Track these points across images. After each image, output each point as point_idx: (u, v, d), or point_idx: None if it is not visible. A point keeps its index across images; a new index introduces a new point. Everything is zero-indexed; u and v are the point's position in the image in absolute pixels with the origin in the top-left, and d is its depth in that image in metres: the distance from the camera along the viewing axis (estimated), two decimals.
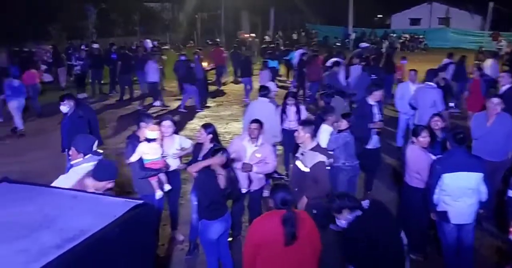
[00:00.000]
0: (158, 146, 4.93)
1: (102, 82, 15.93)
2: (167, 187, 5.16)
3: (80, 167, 3.97)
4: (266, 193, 6.45)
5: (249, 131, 5.47)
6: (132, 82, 15.13)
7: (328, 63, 12.30)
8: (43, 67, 17.30)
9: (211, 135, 5.16)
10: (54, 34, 27.62)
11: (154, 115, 12.54)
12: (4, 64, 16.08)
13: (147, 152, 4.86)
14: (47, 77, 17.13)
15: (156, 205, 4.97)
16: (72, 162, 4.15)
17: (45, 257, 2.02)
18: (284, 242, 3.40)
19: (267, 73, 13.12)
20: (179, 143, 5.55)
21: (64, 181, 3.80)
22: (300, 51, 16.36)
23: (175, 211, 5.86)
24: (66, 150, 6.54)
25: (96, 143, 4.25)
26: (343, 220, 3.60)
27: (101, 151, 4.33)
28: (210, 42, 26.42)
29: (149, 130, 4.87)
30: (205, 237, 4.51)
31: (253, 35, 29.64)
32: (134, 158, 4.90)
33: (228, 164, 4.46)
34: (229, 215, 4.62)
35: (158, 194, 5.02)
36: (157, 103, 13.83)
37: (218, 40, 24.71)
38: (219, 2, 34.06)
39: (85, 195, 2.95)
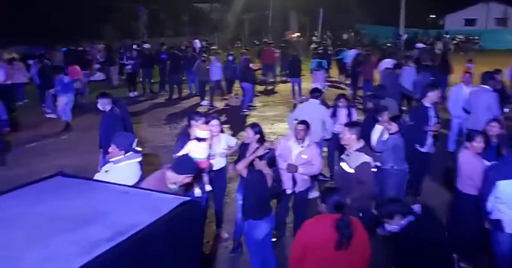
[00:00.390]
0: (206, 146, 4.97)
1: (152, 81, 16.32)
2: (208, 187, 5.22)
3: (121, 165, 4.06)
4: (312, 195, 6.41)
5: (295, 132, 5.44)
6: (181, 81, 15.42)
7: (389, 65, 11.99)
8: (96, 65, 17.96)
9: (258, 135, 5.18)
10: (107, 34, 28.61)
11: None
12: (60, 62, 16.85)
13: (194, 150, 4.92)
14: (100, 76, 17.76)
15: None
16: (112, 160, 4.23)
17: (97, 250, 2.07)
18: (336, 246, 3.35)
19: (322, 74, 13.01)
20: (225, 142, 5.61)
21: (110, 176, 3.91)
22: (354, 51, 16.29)
23: (220, 209, 5.92)
24: (103, 148, 6.65)
25: (136, 141, 4.32)
26: (394, 225, 3.52)
27: (140, 149, 4.40)
28: (257, 43, 26.51)
29: (200, 130, 4.92)
30: (251, 237, 4.52)
31: (298, 34, 29.45)
32: (180, 154, 4.98)
33: (273, 164, 4.45)
34: (274, 215, 4.62)
35: (197, 192, 5.09)
36: (204, 102, 14.06)
37: (265, 40, 24.69)
38: (267, 3, 34.13)
39: (135, 190, 3.02)
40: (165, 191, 3.52)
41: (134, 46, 19.45)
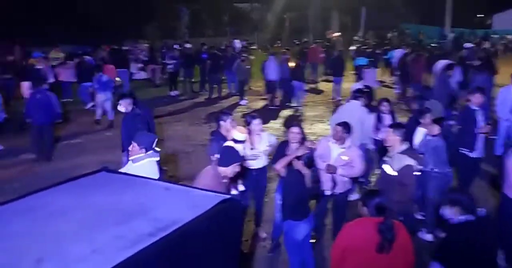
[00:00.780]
0: (242, 148, 4.99)
1: (192, 80, 16.54)
2: (241, 187, 5.25)
3: (142, 163, 4.11)
4: (352, 197, 6.32)
5: (334, 133, 5.38)
6: (220, 81, 15.55)
7: (440, 65, 11.64)
8: (139, 65, 18.37)
9: (300, 135, 5.16)
10: (149, 34, 29.24)
11: (240, 113, 12.82)
12: (104, 61, 17.35)
13: None
14: (142, 75, 18.16)
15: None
16: (132, 158, 4.28)
17: (139, 244, 2.11)
18: (378, 249, 3.29)
19: (374, 72, 12.82)
20: (267, 140, 5.61)
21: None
22: (400, 51, 16.09)
23: (260, 208, 5.93)
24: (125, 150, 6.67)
25: (156, 140, 4.35)
26: (451, 215, 3.44)
27: (158, 149, 4.44)
28: (297, 42, 26.38)
29: (237, 131, 4.94)
30: (290, 237, 4.50)
31: (338, 33, 29.12)
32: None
33: (311, 164, 4.42)
34: (312, 217, 4.58)
35: (233, 193, 5.14)
36: (243, 102, 14.13)
37: (305, 39, 24.56)
38: (308, 2, 33.91)
39: (177, 187, 3.05)
40: (221, 187, 3.58)
41: (176, 46, 19.80)
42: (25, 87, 11.05)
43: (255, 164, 5.43)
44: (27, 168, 8.48)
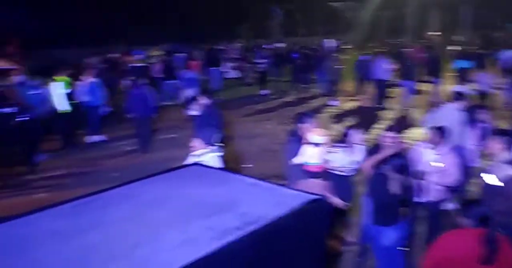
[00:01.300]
0: (321, 151, 4.93)
1: (283, 79, 16.66)
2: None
3: (205, 158, 4.23)
4: (447, 206, 6.01)
5: (429, 137, 5.12)
6: (310, 80, 15.49)
7: None
8: (231, 64, 18.88)
9: (396, 137, 5.00)
10: (243, 34, 29.93)
11: (329, 114, 12.68)
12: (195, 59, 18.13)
13: (310, 155, 4.89)
14: (234, 74, 18.64)
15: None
16: (195, 153, 4.40)
17: (228, 237, 2.17)
18: (482, 261, 3.08)
19: (485, 75, 12.03)
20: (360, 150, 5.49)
21: None
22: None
23: (348, 213, 5.80)
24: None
25: (219, 136, 4.46)
26: None
27: (222, 144, 4.53)
28: (393, 42, 25.49)
29: (315, 134, 4.88)
30: (377, 243, 4.38)
31: (438, 33, 27.63)
32: (297, 160, 4.94)
33: (402, 170, 4.23)
34: (404, 224, 4.38)
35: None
36: (335, 102, 13.96)
37: (401, 39, 23.65)
38: (405, 0, 32.61)
39: (264, 184, 3.09)
40: None
41: (267, 46, 20.07)
42: (125, 83, 12.09)
43: (347, 171, 5.34)
44: (127, 159, 9.10)
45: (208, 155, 4.31)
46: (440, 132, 5.07)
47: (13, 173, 7.64)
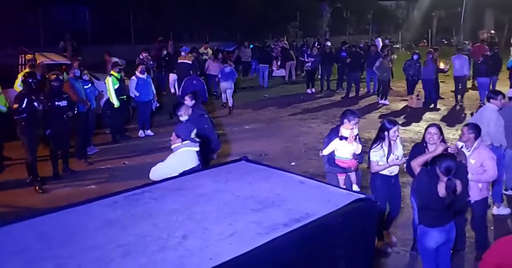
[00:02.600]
0: (349, 145, 5.00)
1: (330, 78, 16.48)
2: (355, 187, 5.16)
3: (180, 151, 4.32)
4: (498, 211, 5.81)
5: (461, 134, 5.11)
6: (359, 79, 15.26)
7: None
8: (278, 62, 18.86)
9: (442, 136, 4.87)
10: (291, 32, 29.84)
11: (378, 114, 12.46)
12: (247, 58, 18.30)
13: (338, 148, 5.06)
14: (281, 72, 18.61)
15: None
16: (172, 146, 4.48)
17: (274, 232, 2.20)
18: None
19: None
20: (401, 146, 5.38)
21: (169, 160, 4.30)
22: None
23: (395, 215, 5.67)
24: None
25: (195, 131, 4.45)
26: None
27: (198, 139, 4.51)
28: (445, 42, 24.68)
29: (344, 128, 5.03)
30: (421, 243, 4.28)
31: (492, 32, 26.42)
32: (326, 151, 5.16)
33: (449, 171, 4.09)
34: (452, 226, 4.25)
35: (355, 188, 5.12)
36: (385, 102, 13.73)
37: (453, 40, 22.85)
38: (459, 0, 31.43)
39: (311, 182, 3.09)
40: None
41: (316, 44, 19.89)
42: (172, 78, 12.99)
43: (394, 170, 5.24)
44: None
45: (182, 149, 4.38)
46: (471, 129, 4.99)
47: (67, 165, 7.97)
